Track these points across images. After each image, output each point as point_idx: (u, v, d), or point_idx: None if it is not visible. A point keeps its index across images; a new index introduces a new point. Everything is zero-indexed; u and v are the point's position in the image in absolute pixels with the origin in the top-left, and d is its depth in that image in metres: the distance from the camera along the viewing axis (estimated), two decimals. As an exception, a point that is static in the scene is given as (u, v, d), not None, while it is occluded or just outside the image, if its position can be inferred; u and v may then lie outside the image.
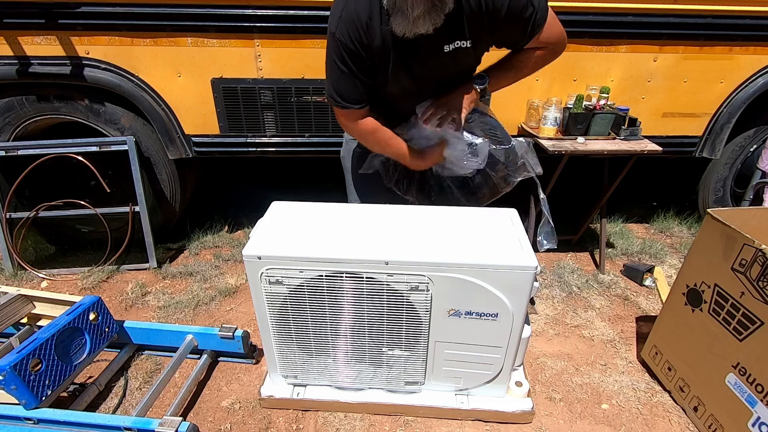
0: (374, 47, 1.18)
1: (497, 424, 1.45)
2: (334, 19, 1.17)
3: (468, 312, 1.25)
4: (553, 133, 2.10)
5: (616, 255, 2.49)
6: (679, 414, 1.50)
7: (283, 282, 1.24)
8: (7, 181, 2.16)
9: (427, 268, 1.19)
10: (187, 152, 2.20)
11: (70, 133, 2.15)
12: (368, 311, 1.28)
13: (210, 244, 2.56)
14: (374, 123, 1.35)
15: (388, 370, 1.41)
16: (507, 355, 1.34)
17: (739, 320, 1.28)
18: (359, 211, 1.44)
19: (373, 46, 1.18)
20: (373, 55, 1.20)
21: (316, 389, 1.49)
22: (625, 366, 1.71)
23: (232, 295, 2.12)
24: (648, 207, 3.01)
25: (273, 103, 2.10)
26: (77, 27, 1.88)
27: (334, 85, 1.26)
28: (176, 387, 1.61)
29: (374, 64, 1.23)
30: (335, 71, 1.23)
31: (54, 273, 2.25)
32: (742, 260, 1.26)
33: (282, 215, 1.41)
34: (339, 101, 1.28)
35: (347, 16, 1.14)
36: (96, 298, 1.55)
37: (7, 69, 1.94)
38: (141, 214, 2.23)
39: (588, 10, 1.95)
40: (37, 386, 1.30)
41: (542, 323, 1.95)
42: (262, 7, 1.87)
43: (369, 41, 1.17)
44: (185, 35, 1.93)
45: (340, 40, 1.16)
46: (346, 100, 1.27)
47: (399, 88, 1.32)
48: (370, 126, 1.35)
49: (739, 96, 2.17)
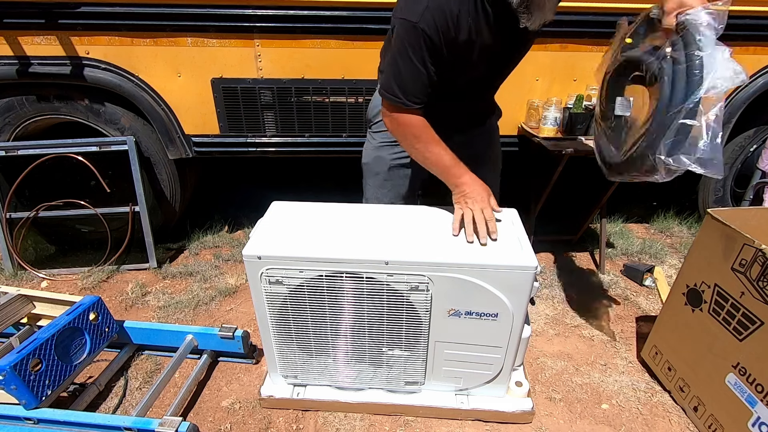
0: (459, 41, 1.14)
1: (497, 424, 1.45)
2: (417, 8, 1.09)
3: (468, 312, 1.25)
4: (553, 133, 2.10)
5: (616, 255, 2.49)
6: (679, 414, 1.50)
7: (283, 282, 1.24)
8: (7, 181, 2.16)
9: (427, 268, 1.19)
10: (187, 152, 2.20)
11: (70, 133, 2.15)
12: (368, 311, 1.28)
13: (210, 244, 2.56)
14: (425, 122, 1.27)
15: (388, 370, 1.41)
16: (507, 355, 1.34)
17: (739, 320, 1.28)
18: (359, 211, 1.44)
19: (458, 40, 1.14)
20: (454, 48, 1.15)
21: (316, 389, 1.49)
22: (625, 366, 1.71)
23: (232, 295, 2.12)
24: (648, 207, 3.01)
25: (273, 103, 2.10)
26: (77, 27, 1.88)
27: (398, 79, 1.19)
28: (176, 387, 1.61)
29: (451, 59, 1.18)
30: (406, 65, 1.16)
31: (54, 273, 2.25)
32: (742, 260, 1.26)
33: (282, 215, 1.41)
34: (400, 98, 1.21)
35: (437, 7, 1.09)
36: (96, 298, 1.55)
37: (7, 69, 1.94)
38: (141, 214, 2.23)
39: (588, 10, 1.95)
40: (37, 386, 1.30)
41: (542, 323, 1.95)
42: (262, 7, 1.87)
43: (455, 34, 1.13)
44: (185, 35, 1.93)
45: (424, 31, 1.10)
46: (408, 96, 1.21)
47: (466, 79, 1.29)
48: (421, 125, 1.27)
49: (739, 96, 2.17)
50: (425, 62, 1.15)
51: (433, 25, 1.10)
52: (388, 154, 1.52)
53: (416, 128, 1.27)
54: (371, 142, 1.57)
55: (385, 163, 1.53)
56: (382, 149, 1.52)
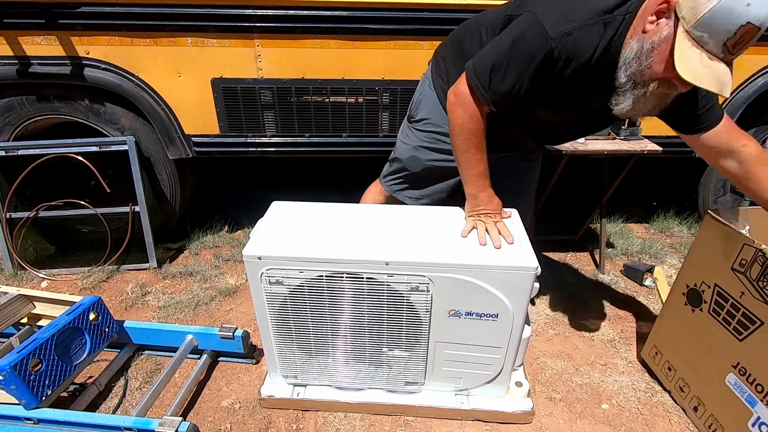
0: (565, 75, 1.10)
1: (497, 424, 1.45)
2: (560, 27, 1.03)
3: (468, 312, 1.25)
4: (553, 133, 2.10)
5: (616, 255, 2.49)
6: (679, 414, 1.50)
7: (283, 282, 1.24)
8: (7, 181, 2.15)
9: (428, 269, 1.19)
10: (187, 152, 2.20)
11: (70, 133, 2.15)
12: (368, 312, 1.28)
13: (210, 244, 2.56)
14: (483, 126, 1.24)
15: (389, 370, 1.41)
16: (507, 356, 1.34)
17: (739, 320, 1.28)
18: (359, 211, 1.44)
19: (565, 74, 1.10)
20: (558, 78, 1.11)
21: (316, 389, 1.49)
22: (625, 366, 1.71)
23: (232, 295, 2.12)
24: (648, 207, 3.01)
25: (273, 103, 2.10)
26: (77, 27, 1.88)
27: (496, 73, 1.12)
28: (176, 387, 1.61)
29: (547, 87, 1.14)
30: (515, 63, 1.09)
31: (54, 273, 2.25)
32: (742, 260, 1.26)
33: (282, 215, 1.41)
34: (485, 88, 1.14)
35: (577, 41, 1.04)
36: (96, 298, 1.55)
37: (7, 69, 1.94)
38: (141, 214, 2.23)
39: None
40: (37, 386, 1.30)
41: (542, 323, 1.95)
42: (262, 7, 1.87)
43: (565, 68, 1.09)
44: (185, 35, 1.93)
45: (552, 49, 1.04)
46: (490, 91, 1.15)
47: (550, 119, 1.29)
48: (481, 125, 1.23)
49: (739, 96, 2.17)
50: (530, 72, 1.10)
51: (563, 51, 1.05)
52: (425, 156, 1.50)
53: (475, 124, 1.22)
54: (409, 137, 1.53)
55: (420, 164, 1.52)
56: (420, 150, 1.50)
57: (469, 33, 1.34)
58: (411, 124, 1.55)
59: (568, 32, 1.03)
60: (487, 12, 1.34)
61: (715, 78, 0.91)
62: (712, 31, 0.88)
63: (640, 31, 1.00)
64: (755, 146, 1.21)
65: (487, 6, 1.87)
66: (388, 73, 2.05)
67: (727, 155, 1.23)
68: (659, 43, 0.97)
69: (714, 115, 1.19)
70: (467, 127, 1.22)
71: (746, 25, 0.86)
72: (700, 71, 0.91)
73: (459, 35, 1.39)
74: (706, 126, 1.19)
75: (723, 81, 0.92)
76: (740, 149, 1.20)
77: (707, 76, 0.91)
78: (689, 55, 0.92)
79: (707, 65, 0.91)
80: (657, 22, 0.97)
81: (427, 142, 1.49)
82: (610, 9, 1.03)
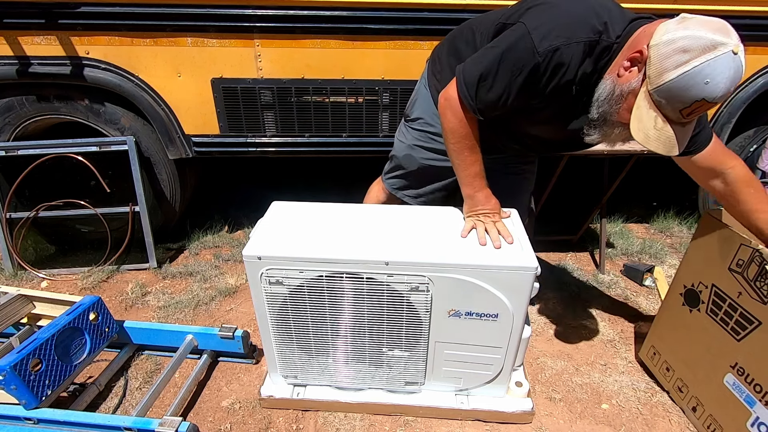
0: (549, 90, 1.11)
1: (497, 424, 1.45)
2: (548, 41, 1.03)
3: (468, 312, 1.25)
4: (552, 133, 2.10)
5: (616, 255, 2.49)
6: (679, 414, 1.51)
7: (283, 282, 1.24)
8: (7, 181, 2.16)
9: (427, 269, 1.19)
10: (187, 152, 2.20)
11: (70, 133, 2.15)
12: (368, 312, 1.28)
13: (210, 244, 2.56)
14: (474, 129, 1.24)
15: (388, 370, 1.41)
16: (507, 356, 1.34)
17: (737, 320, 1.28)
18: (359, 212, 1.45)
19: (549, 89, 1.10)
20: (542, 92, 1.12)
21: (316, 389, 1.49)
22: (625, 366, 1.72)
23: (232, 295, 2.12)
24: (648, 207, 3.01)
25: (273, 103, 2.10)
26: (77, 27, 1.88)
27: (483, 83, 1.14)
28: (176, 387, 1.61)
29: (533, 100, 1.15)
30: (502, 74, 1.10)
31: (54, 273, 2.25)
32: (740, 260, 1.26)
33: (282, 215, 1.41)
34: (472, 97, 1.15)
35: (563, 57, 1.04)
36: (96, 298, 1.55)
37: (7, 69, 1.94)
38: (141, 214, 2.23)
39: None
40: (37, 386, 1.30)
41: (542, 323, 1.96)
42: (262, 7, 1.87)
43: (549, 83, 1.09)
44: (185, 35, 1.93)
45: (538, 64, 1.05)
46: (477, 100, 1.16)
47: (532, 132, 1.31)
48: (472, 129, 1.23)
49: (739, 96, 2.17)
50: (517, 83, 1.10)
51: (550, 68, 1.06)
52: (420, 155, 1.52)
53: (466, 128, 1.23)
54: (405, 135, 1.55)
55: (415, 162, 1.54)
56: (415, 149, 1.52)
57: (465, 35, 1.34)
58: (406, 122, 1.56)
59: (555, 48, 1.03)
60: (484, 15, 1.34)
61: (662, 142, 0.98)
62: (669, 98, 0.94)
63: (616, 72, 1.03)
64: (742, 167, 1.23)
65: (487, 6, 1.88)
66: (388, 73, 2.05)
67: (716, 176, 1.25)
68: (627, 94, 1.01)
69: (703, 137, 1.20)
70: (458, 131, 1.23)
71: (701, 101, 0.92)
72: (651, 134, 0.98)
73: (455, 36, 1.40)
74: (695, 149, 1.21)
75: (671, 144, 0.98)
76: (728, 170, 1.22)
77: (656, 140, 0.98)
78: (645, 118, 0.98)
79: (660, 128, 0.97)
80: (630, 69, 1.00)
81: (422, 141, 1.50)
82: (599, 31, 1.03)
